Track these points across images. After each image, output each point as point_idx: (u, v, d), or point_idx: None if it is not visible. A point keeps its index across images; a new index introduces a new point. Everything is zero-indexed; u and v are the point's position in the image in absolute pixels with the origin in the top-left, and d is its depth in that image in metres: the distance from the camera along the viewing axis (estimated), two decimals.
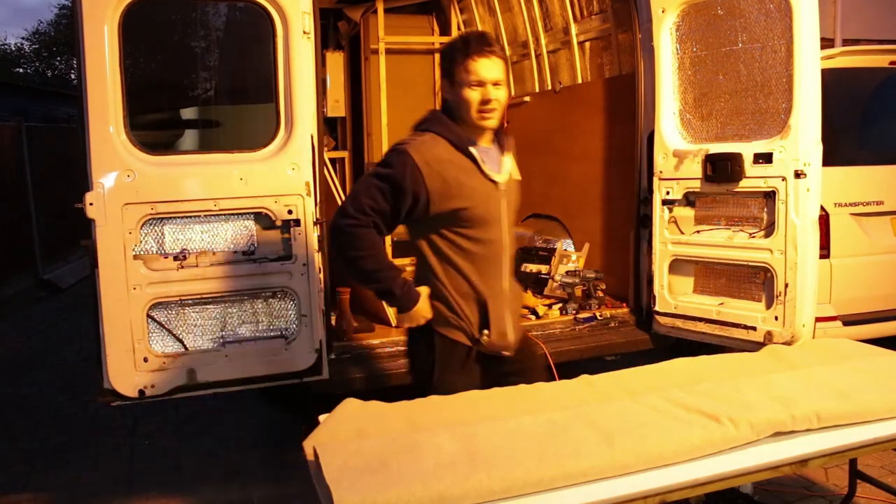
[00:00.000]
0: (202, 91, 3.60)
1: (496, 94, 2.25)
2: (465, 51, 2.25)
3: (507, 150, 2.42)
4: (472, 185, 2.29)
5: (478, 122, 2.28)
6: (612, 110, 4.64)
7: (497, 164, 2.37)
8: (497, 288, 2.39)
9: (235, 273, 3.00)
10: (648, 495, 1.83)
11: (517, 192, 2.45)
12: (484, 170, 2.31)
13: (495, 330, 2.38)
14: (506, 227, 2.38)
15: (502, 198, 2.35)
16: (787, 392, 2.21)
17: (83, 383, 5.38)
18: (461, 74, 2.25)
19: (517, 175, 2.45)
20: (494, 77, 2.24)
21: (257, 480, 3.73)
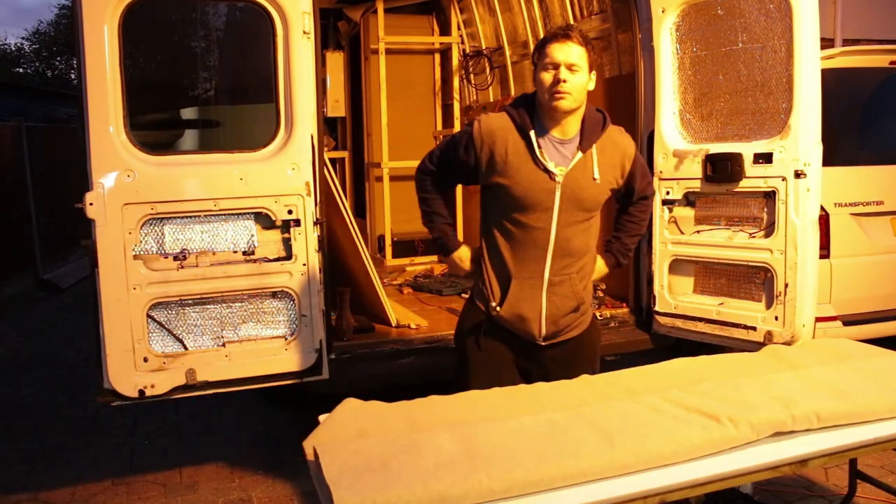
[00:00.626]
0: (202, 91, 3.60)
1: (568, 76, 2.29)
2: (545, 38, 2.36)
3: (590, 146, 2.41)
4: (520, 166, 2.35)
5: (550, 104, 2.32)
6: (612, 110, 4.61)
7: (565, 157, 2.39)
8: (530, 272, 2.43)
9: (235, 273, 3.00)
10: (648, 495, 1.83)
11: (590, 192, 2.42)
12: (538, 155, 2.35)
13: (510, 307, 2.45)
14: (559, 221, 2.39)
15: (557, 189, 2.36)
16: (787, 392, 2.21)
17: (83, 383, 5.38)
18: (539, 58, 2.35)
19: (598, 176, 2.40)
20: (568, 60, 2.29)
21: (257, 480, 3.74)
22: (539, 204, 2.37)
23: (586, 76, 2.33)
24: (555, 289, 2.45)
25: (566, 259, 2.44)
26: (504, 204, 2.40)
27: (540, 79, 2.34)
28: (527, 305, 2.45)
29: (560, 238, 2.41)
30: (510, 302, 2.45)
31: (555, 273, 2.44)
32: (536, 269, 2.43)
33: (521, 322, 2.47)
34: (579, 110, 2.39)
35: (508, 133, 2.37)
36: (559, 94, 2.29)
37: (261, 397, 4.73)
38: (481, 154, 2.37)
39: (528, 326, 2.47)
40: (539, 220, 2.38)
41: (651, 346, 3.85)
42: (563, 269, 2.45)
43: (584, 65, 2.32)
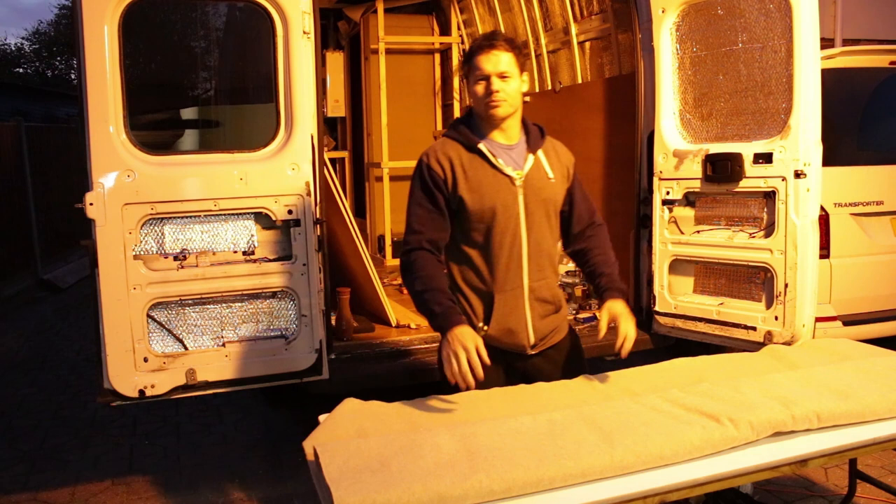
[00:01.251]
0: (202, 91, 3.60)
1: (500, 86, 2.31)
2: (471, 50, 2.36)
3: (538, 148, 2.43)
4: (480, 178, 2.35)
5: (487, 112, 2.35)
6: (612, 110, 4.64)
7: (518, 160, 2.40)
8: (512, 283, 2.39)
9: (235, 273, 3.00)
10: (648, 495, 1.83)
11: (550, 191, 2.43)
12: (495, 163, 2.36)
13: (498, 324, 2.40)
14: (527, 224, 2.38)
15: (519, 193, 2.37)
16: (787, 392, 2.21)
17: (83, 383, 5.39)
18: (469, 72, 2.38)
19: (552, 175, 2.42)
20: (497, 69, 2.30)
21: (257, 480, 3.74)
22: (506, 210, 2.35)
23: (518, 80, 2.35)
24: (535, 294, 2.43)
25: (540, 262, 2.43)
26: (474, 219, 2.36)
27: (474, 91, 2.36)
28: (513, 317, 2.41)
29: (532, 242, 2.40)
30: (497, 318, 2.39)
31: (533, 279, 2.41)
32: (517, 278, 2.40)
33: (511, 336, 2.42)
34: (517, 114, 2.41)
35: (458, 152, 2.37)
36: (494, 103, 2.32)
37: (261, 397, 4.73)
38: (447, 179, 2.34)
39: (517, 338, 2.43)
40: (509, 227, 2.36)
41: (651, 346, 3.85)
42: (540, 273, 2.43)
43: (514, 70, 2.33)
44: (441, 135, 2.46)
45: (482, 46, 2.32)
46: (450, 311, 2.24)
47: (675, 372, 2.54)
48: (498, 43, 2.31)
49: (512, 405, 2.21)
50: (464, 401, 2.26)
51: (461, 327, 2.19)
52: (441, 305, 2.25)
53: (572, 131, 4.93)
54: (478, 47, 2.33)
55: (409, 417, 2.15)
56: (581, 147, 4.81)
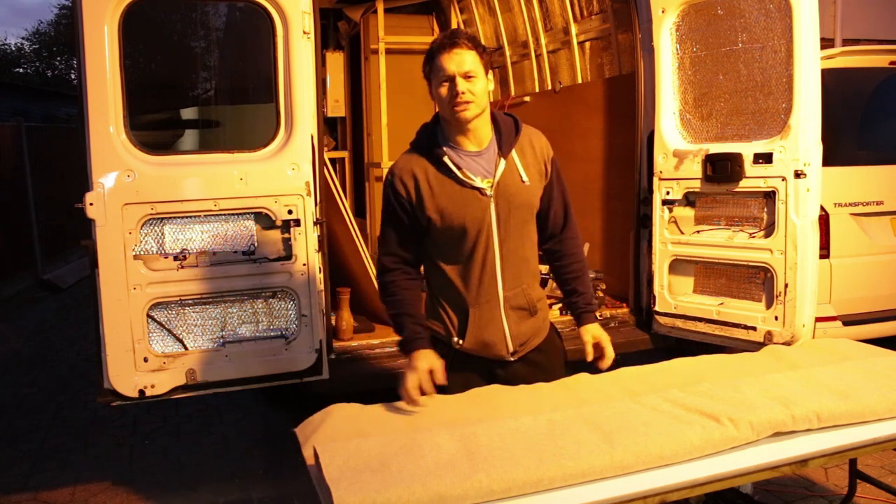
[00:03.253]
0: (202, 91, 3.60)
1: (466, 87, 2.18)
2: (432, 50, 2.23)
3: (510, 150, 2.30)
4: (446, 193, 2.25)
5: (454, 117, 2.22)
6: (612, 110, 4.64)
7: (488, 167, 2.28)
8: (486, 295, 2.33)
9: (235, 273, 3.00)
10: (648, 495, 1.83)
11: (524, 197, 2.31)
12: (460, 177, 2.25)
13: (473, 338, 2.35)
14: (500, 235, 2.29)
15: (490, 204, 2.26)
16: (787, 392, 2.21)
17: (83, 383, 5.38)
18: (431, 73, 2.25)
19: (526, 178, 2.30)
20: (462, 69, 2.18)
21: (257, 480, 3.73)
22: (478, 223, 2.26)
23: (484, 79, 2.23)
24: (511, 303, 2.36)
25: (515, 270, 2.34)
26: (444, 235, 2.29)
27: (438, 94, 2.22)
28: (489, 329, 2.35)
29: (506, 251, 2.31)
30: (472, 331, 2.34)
31: (509, 288, 2.34)
32: (491, 290, 2.32)
33: (488, 348, 2.37)
34: (485, 114, 2.29)
35: (423, 166, 2.27)
36: (460, 106, 2.19)
37: (261, 397, 4.74)
38: (411, 197, 2.27)
39: (495, 350, 2.38)
40: (480, 240, 2.28)
41: (651, 346, 3.85)
42: (515, 281, 2.35)
43: (479, 69, 2.21)
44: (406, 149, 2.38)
45: (444, 45, 2.19)
46: (412, 337, 2.30)
47: (675, 372, 2.53)
48: (460, 41, 2.19)
49: (512, 405, 2.21)
50: (464, 401, 2.26)
51: (419, 352, 2.26)
52: (406, 330, 2.31)
53: (572, 131, 4.94)
54: (439, 46, 2.20)
55: (409, 417, 2.15)
56: (581, 147, 4.82)
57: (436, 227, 2.28)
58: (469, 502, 1.71)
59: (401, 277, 2.35)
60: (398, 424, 2.10)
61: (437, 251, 2.35)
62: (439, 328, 2.40)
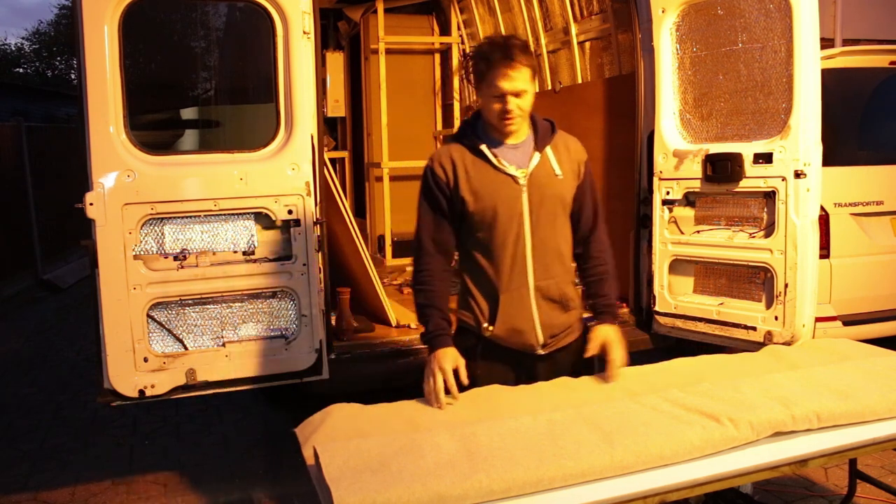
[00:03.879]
0: (202, 91, 3.60)
1: (516, 104, 2.29)
2: (488, 64, 2.28)
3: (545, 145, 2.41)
4: (482, 178, 2.35)
5: (501, 129, 2.36)
6: (612, 110, 4.64)
7: (523, 159, 2.39)
8: (517, 282, 2.39)
9: (235, 273, 3.00)
10: (648, 495, 1.83)
11: (556, 188, 2.40)
12: (496, 164, 2.36)
13: (503, 324, 2.40)
14: (531, 223, 2.37)
15: (523, 192, 2.36)
16: (787, 392, 2.21)
17: (83, 383, 5.39)
18: (485, 87, 2.32)
19: (559, 172, 2.40)
20: (515, 88, 2.27)
21: (257, 480, 3.74)
22: (510, 210, 2.35)
23: (532, 91, 2.34)
24: (541, 293, 2.42)
25: (546, 261, 2.42)
26: (477, 220, 2.37)
27: (489, 108, 2.33)
28: (519, 317, 2.40)
29: (537, 241, 2.38)
30: (502, 318, 2.40)
31: (539, 278, 2.40)
32: (521, 277, 2.39)
33: (518, 335, 2.42)
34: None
35: (462, 154, 2.38)
36: (509, 122, 2.32)
37: (261, 397, 4.74)
38: (448, 180, 2.36)
39: (525, 338, 2.43)
40: (512, 227, 2.36)
41: (651, 346, 3.85)
42: (546, 272, 2.41)
43: (530, 85, 2.31)
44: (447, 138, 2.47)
45: (500, 62, 2.25)
46: (437, 332, 2.35)
47: (675, 372, 2.54)
48: (517, 60, 2.25)
49: (512, 405, 2.21)
50: (464, 401, 2.26)
51: (444, 349, 2.31)
52: (432, 323, 2.36)
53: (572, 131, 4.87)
54: (495, 62, 2.25)
55: (409, 417, 2.15)
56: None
57: (469, 211, 2.36)
58: (469, 502, 1.71)
59: (436, 266, 2.41)
60: (398, 424, 2.10)
61: (470, 239, 2.43)
62: (468, 318, 2.46)
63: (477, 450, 1.84)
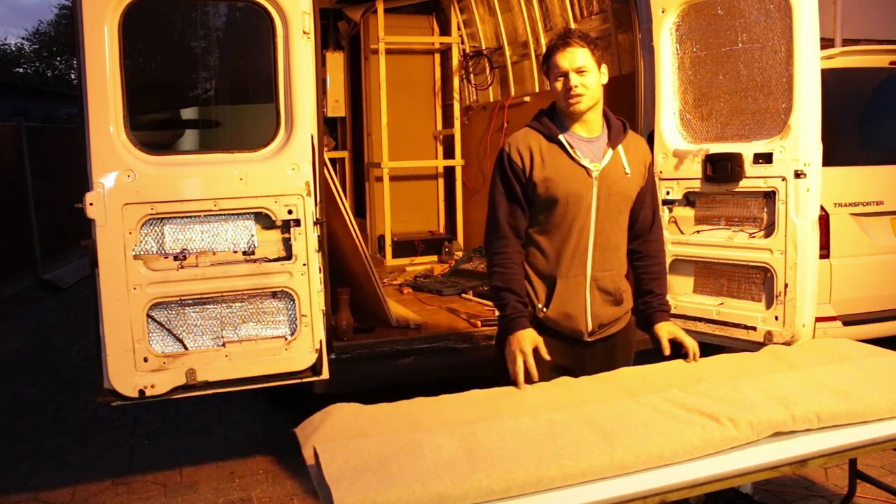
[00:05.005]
0: (202, 91, 3.60)
1: (579, 80, 2.41)
2: (548, 50, 2.47)
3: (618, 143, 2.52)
4: (557, 165, 2.44)
5: (568, 109, 2.45)
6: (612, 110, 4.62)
7: (596, 154, 2.49)
8: (575, 270, 2.49)
9: (235, 273, 3.00)
10: (648, 495, 1.83)
11: (624, 185, 2.51)
12: (573, 154, 2.45)
13: (556, 308, 2.50)
14: (598, 216, 2.47)
15: (594, 185, 2.45)
16: (787, 392, 2.21)
17: (83, 383, 5.39)
18: (548, 70, 2.48)
19: (629, 170, 2.51)
20: (574, 65, 2.40)
21: (257, 480, 3.74)
22: (579, 199, 2.44)
23: (596, 73, 2.46)
24: (598, 284, 2.52)
25: (606, 253, 2.52)
26: (546, 205, 2.47)
27: (554, 88, 2.47)
28: (573, 303, 2.50)
29: (599, 233, 2.48)
30: (556, 302, 2.50)
31: (597, 269, 2.51)
32: (580, 266, 2.49)
33: (569, 320, 2.51)
34: (598, 106, 2.51)
35: (538, 141, 2.48)
36: (574, 98, 2.42)
37: (261, 397, 4.74)
38: (525, 166, 2.45)
39: (575, 323, 2.52)
40: (579, 216, 2.46)
41: (651, 346, 3.84)
42: (605, 263, 2.52)
43: (591, 63, 2.43)
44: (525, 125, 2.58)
45: (557, 45, 2.42)
46: (515, 315, 2.45)
47: (675, 372, 2.54)
48: (573, 40, 2.41)
49: (512, 405, 2.21)
50: (464, 401, 2.26)
51: (522, 332, 2.43)
52: (509, 307, 2.46)
53: None
54: (554, 46, 2.44)
55: (409, 417, 2.15)
56: None
57: (539, 195, 2.45)
58: (469, 502, 1.71)
59: (512, 249, 2.51)
60: (398, 424, 2.10)
61: (535, 222, 2.52)
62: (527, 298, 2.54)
63: (477, 450, 1.84)
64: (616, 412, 2.09)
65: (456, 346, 3.78)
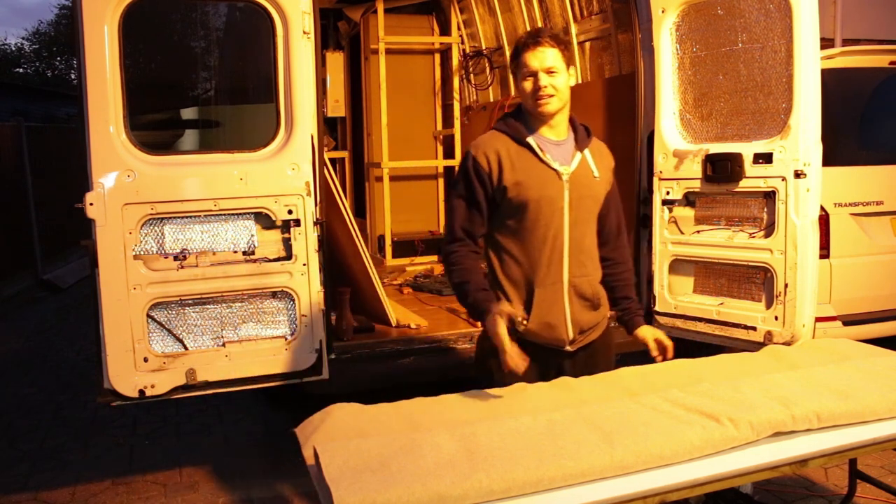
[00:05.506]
0: (202, 91, 3.60)
1: (548, 81, 2.34)
2: (517, 48, 2.40)
3: (585, 147, 2.47)
4: (528, 169, 2.38)
5: (536, 109, 2.39)
6: (612, 110, 4.64)
7: (565, 157, 2.44)
8: (553, 277, 2.42)
9: (235, 273, 3.00)
10: (648, 495, 1.83)
11: (594, 188, 2.47)
12: (542, 157, 2.39)
13: (538, 319, 2.42)
14: (570, 219, 2.41)
15: (565, 188, 2.40)
16: (787, 392, 2.21)
17: (83, 383, 5.39)
18: (516, 68, 2.42)
19: (597, 174, 2.47)
20: (545, 65, 2.34)
21: (257, 480, 3.73)
22: (552, 203, 2.38)
23: (565, 75, 2.39)
24: (575, 290, 2.46)
25: (581, 258, 2.46)
26: (518, 211, 2.39)
27: (522, 88, 2.40)
28: (553, 312, 2.43)
29: (574, 238, 2.43)
30: (536, 312, 2.42)
31: (574, 274, 2.45)
32: (557, 273, 2.42)
33: (550, 330, 2.44)
34: (565, 109, 2.45)
35: (506, 145, 2.41)
36: (543, 99, 2.36)
37: (261, 397, 4.74)
38: (492, 171, 2.37)
39: (557, 333, 2.45)
40: (553, 221, 2.39)
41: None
42: (581, 268, 2.46)
43: (561, 65, 2.37)
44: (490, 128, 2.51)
45: (527, 44, 2.36)
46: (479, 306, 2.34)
47: (675, 372, 2.54)
48: (543, 39, 2.35)
49: (512, 405, 2.21)
50: (464, 401, 2.26)
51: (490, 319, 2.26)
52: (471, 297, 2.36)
53: None
54: (523, 45, 2.37)
55: (409, 417, 2.15)
56: None
57: (510, 200, 2.38)
58: (469, 502, 1.71)
59: (465, 249, 2.43)
60: (398, 424, 2.10)
61: (507, 229, 2.44)
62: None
63: (477, 450, 1.84)
64: (616, 412, 2.09)
65: (456, 346, 3.78)
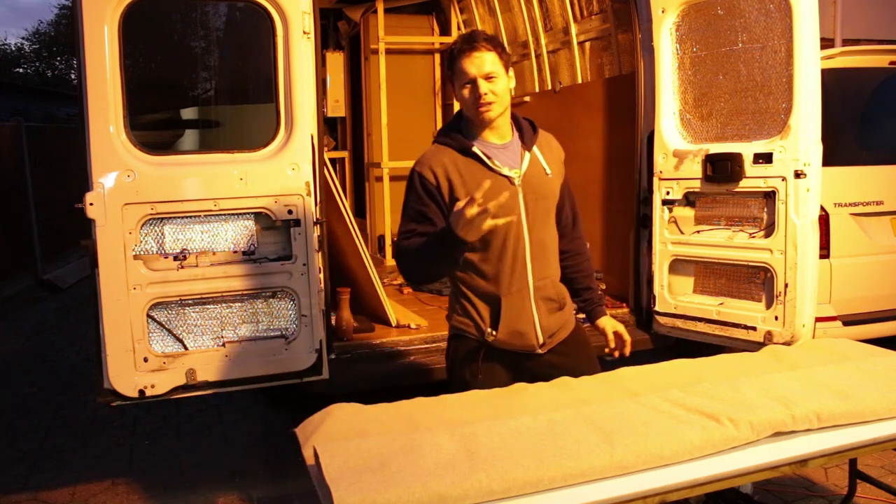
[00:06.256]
0: (202, 91, 3.60)
1: (488, 87, 2.25)
2: (453, 54, 2.30)
3: (532, 145, 2.40)
4: (476, 178, 2.29)
5: (478, 117, 2.31)
6: (612, 110, 4.64)
7: (514, 159, 2.37)
8: (517, 284, 2.38)
9: (235, 273, 3.00)
10: (648, 495, 1.83)
11: (548, 187, 2.42)
12: (491, 165, 2.33)
13: (506, 328, 2.38)
14: (529, 223, 2.36)
15: (519, 192, 2.34)
16: (787, 392, 2.21)
17: (83, 383, 5.38)
18: (453, 76, 2.32)
19: (549, 170, 2.41)
20: (483, 71, 2.24)
21: (257, 480, 3.73)
22: (508, 211, 2.27)
23: (505, 79, 2.30)
24: (540, 293, 2.42)
25: (542, 260, 2.42)
26: None
27: (461, 96, 2.30)
28: (521, 319, 2.40)
29: (534, 241, 2.38)
30: (505, 322, 2.38)
31: (538, 278, 2.40)
32: (522, 279, 2.38)
33: (520, 338, 2.41)
34: (507, 112, 2.37)
35: (452, 157, 2.33)
36: (484, 107, 2.27)
37: (261, 397, 4.74)
38: (441, 187, 2.30)
39: (527, 340, 2.42)
40: (511, 228, 2.32)
41: (651, 346, 3.85)
42: (543, 271, 2.42)
43: (499, 69, 2.27)
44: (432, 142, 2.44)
45: (463, 50, 2.25)
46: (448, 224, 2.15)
47: (675, 372, 2.53)
48: (479, 44, 2.25)
49: (512, 405, 2.21)
50: (464, 401, 2.26)
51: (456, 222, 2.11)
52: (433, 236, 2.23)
53: (572, 131, 4.94)
54: (459, 51, 2.26)
55: (409, 417, 2.15)
56: (581, 147, 4.82)
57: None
58: (469, 502, 1.71)
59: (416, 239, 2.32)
60: (398, 424, 2.10)
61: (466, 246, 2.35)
62: (468, 324, 2.43)
63: (477, 450, 1.84)
64: (616, 412, 2.09)
65: None
